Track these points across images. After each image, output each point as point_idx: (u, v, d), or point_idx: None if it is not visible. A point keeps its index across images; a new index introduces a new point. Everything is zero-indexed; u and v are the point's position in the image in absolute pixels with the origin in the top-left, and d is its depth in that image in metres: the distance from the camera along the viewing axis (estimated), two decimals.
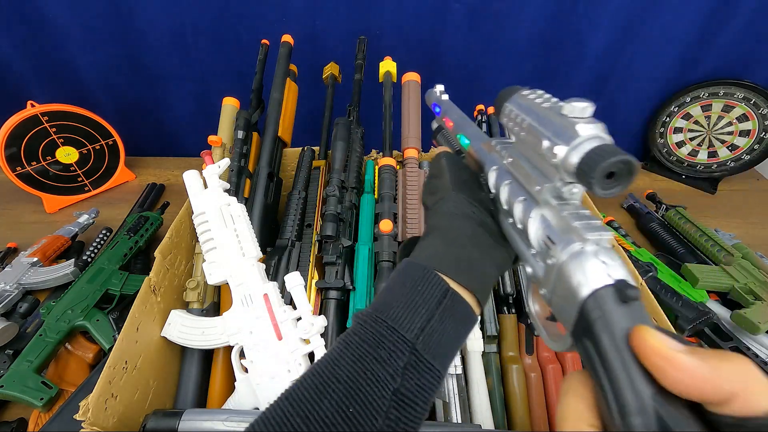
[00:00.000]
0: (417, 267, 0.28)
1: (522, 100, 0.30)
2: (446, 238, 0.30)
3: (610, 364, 0.18)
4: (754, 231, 0.94)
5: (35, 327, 0.66)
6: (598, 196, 0.22)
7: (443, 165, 0.36)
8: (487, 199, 0.33)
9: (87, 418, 0.41)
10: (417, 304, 0.26)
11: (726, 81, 0.97)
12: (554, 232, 0.24)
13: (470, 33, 0.94)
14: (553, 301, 0.23)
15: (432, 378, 0.26)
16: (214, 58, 0.97)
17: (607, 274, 0.20)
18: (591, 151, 0.22)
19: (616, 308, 0.19)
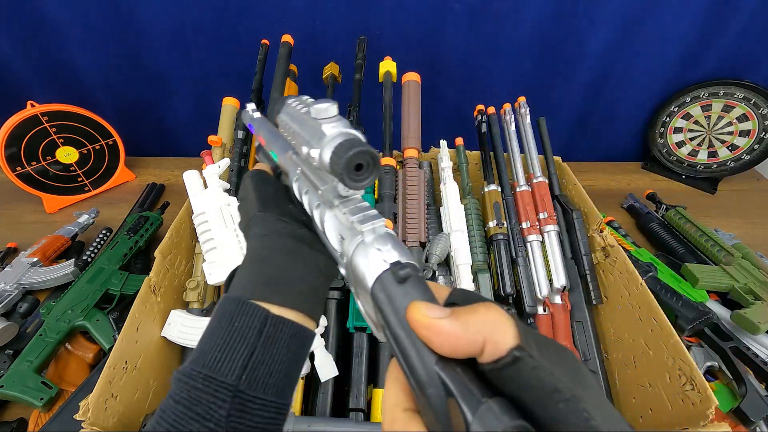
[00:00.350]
0: (231, 301, 0.27)
1: (288, 110, 0.30)
2: (258, 262, 0.29)
3: (401, 343, 0.18)
4: (754, 231, 0.94)
5: (35, 327, 0.66)
6: (351, 188, 0.24)
7: (248, 185, 0.35)
8: (297, 211, 0.32)
9: (87, 418, 0.41)
10: (235, 341, 0.25)
11: (726, 81, 0.97)
12: (345, 230, 0.25)
13: (470, 33, 0.94)
14: (359, 295, 0.23)
15: (268, 412, 0.25)
16: (214, 58, 0.97)
17: (383, 259, 0.21)
18: (336, 148, 0.23)
19: (396, 289, 0.20)
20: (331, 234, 0.26)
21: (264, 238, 0.30)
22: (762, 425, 0.56)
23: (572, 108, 1.08)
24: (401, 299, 0.19)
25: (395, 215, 0.64)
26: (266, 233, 0.30)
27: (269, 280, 0.28)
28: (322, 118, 0.25)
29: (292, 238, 0.30)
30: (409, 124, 0.72)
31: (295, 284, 0.28)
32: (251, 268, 0.29)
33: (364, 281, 0.21)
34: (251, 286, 0.28)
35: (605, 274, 0.66)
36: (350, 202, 0.26)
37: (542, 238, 0.69)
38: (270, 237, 0.30)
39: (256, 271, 0.29)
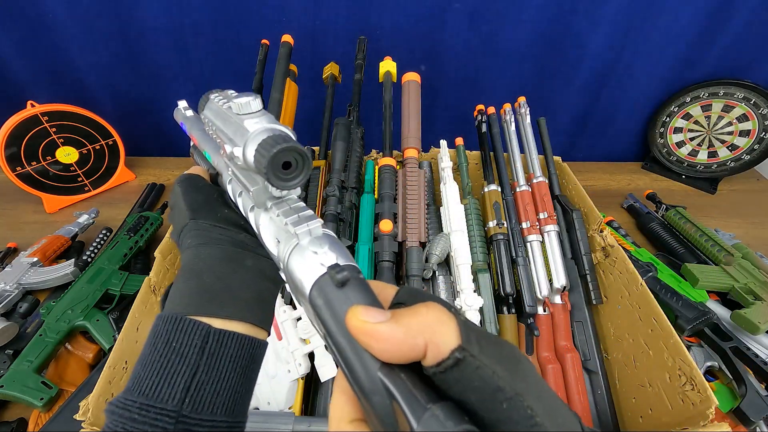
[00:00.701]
0: (166, 320, 0.25)
1: (212, 105, 0.28)
2: (195, 274, 0.27)
3: (342, 350, 0.17)
4: (754, 231, 0.94)
5: (35, 327, 0.66)
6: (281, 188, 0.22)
7: (177, 191, 0.32)
8: (234, 216, 0.30)
9: (87, 418, 0.41)
10: (174, 363, 0.23)
11: (726, 81, 0.97)
12: (281, 233, 0.23)
13: (470, 33, 0.94)
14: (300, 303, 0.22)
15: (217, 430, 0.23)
16: (214, 58, 0.97)
17: (319, 263, 0.20)
18: (260, 145, 0.21)
19: (335, 294, 0.18)
20: (267, 238, 0.24)
21: (199, 248, 0.28)
22: (762, 425, 0.56)
23: (572, 108, 1.08)
24: (341, 304, 0.18)
25: (395, 215, 0.65)
26: (201, 242, 0.28)
27: (209, 293, 0.26)
28: (245, 114, 0.23)
29: (231, 245, 0.28)
30: (409, 124, 0.72)
31: (238, 294, 0.26)
32: (187, 282, 0.27)
33: (302, 287, 0.20)
34: (188, 300, 0.26)
35: (605, 274, 0.66)
36: (284, 203, 0.24)
37: (542, 238, 0.69)
38: (206, 246, 0.28)
39: (193, 285, 0.26)
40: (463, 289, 0.58)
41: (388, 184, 0.67)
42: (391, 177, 0.68)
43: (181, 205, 0.31)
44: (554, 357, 0.62)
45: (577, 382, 0.60)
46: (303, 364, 0.52)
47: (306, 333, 0.52)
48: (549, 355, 0.62)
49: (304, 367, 0.52)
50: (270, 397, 0.51)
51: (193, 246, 0.28)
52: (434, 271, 0.61)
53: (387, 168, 0.69)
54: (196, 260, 0.27)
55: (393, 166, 0.70)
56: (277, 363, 0.52)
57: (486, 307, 0.59)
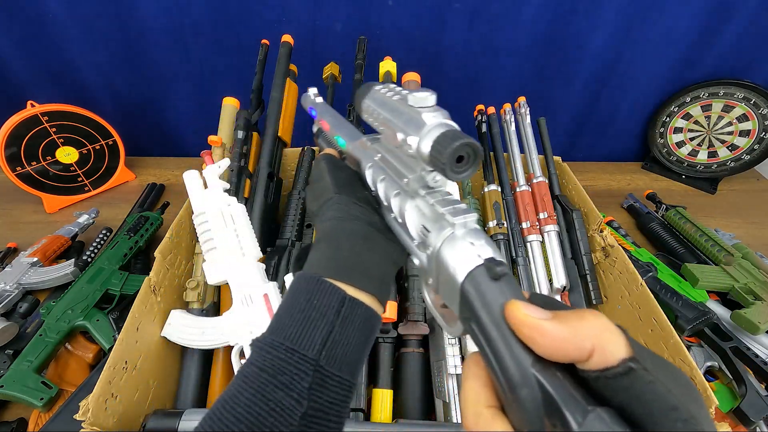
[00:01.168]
0: (309, 279, 0.27)
1: (376, 95, 0.30)
2: (334, 244, 0.29)
3: (492, 341, 0.18)
4: (754, 231, 0.94)
5: (35, 327, 0.66)
6: (451, 179, 0.23)
7: (323, 167, 0.35)
8: (371, 197, 0.33)
9: (87, 418, 0.41)
10: (314, 318, 0.25)
11: (726, 81, 0.97)
12: (428, 221, 0.24)
13: (470, 33, 0.94)
14: (439, 288, 0.23)
15: (342, 390, 0.25)
16: (214, 58, 0.97)
17: (477, 254, 0.21)
18: (438, 138, 0.23)
19: (490, 286, 0.19)
20: (411, 224, 0.26)
21: (340, 221, 0.30)
22: (762, 425, 0.56)
23: (572, 108, 1.08)
24: (496, 296, 0.19)
25: None
26: (342, 216, 0.31)
27: (346, 263, 0.28)
28: (422, 107, 0.25)
29: (368, 224, 0.30)
30: None
31: (369, 269, 0.29)
32: (327, 250, 0.29)
33: (453, 274, 0.21)
34: (328, 266, 0.28)
35: (605, 274, 0.66)
36: (437, 194, 0.26)
37: (542, 238, 0.69)
38: (347, 221, 0.30)
39: (333, 254, 0.29)
40: None
41: None
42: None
43: (327, 180, 0.34)
44: None
45: None
46: None
47: None
48: None
49: None
50: None
51: (335, 218, 0.31)
52: None
53: None
54: (336, 231, 0.30)
55: None
56: None
57: None
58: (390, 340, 0.57)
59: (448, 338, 0.56)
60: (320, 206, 0.33)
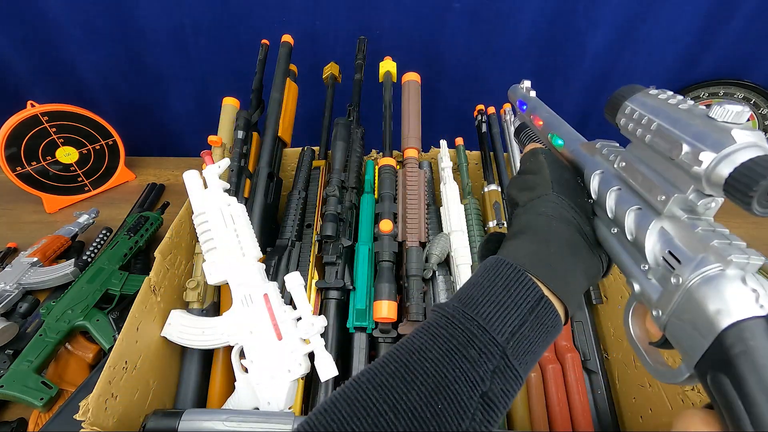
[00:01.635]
0: (509, 267, 0.26)
1: (649, 100, 0.27)
2: (541, 241, 0.28)
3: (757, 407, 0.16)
4: (754, 231, 0.94)
5: (35, 327, 0.66)
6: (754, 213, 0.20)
7: (542, 161, 0.33)
8: (587, 205, 0.31)
9: (87, 418, 0.41)
10: (509, 306, 0.25)
11: (726, 81, 0.97)
12: (679, 249, 0.21)
13: (470, 33, 0.94)
14: (671, 326, 0.21)
15: (515, 384, 0.25)
16: (214, 58, 0.97)
17: (758, 304, 0.18)
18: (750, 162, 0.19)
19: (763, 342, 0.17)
20: (651, 246, 0.23)
21: (552, 220, 0.29)
22: None
23: (572, 108, 1.08)
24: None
25: (395, 215, 0.65)
26: (556, 216, 0.29)
27: (548, 263, 0.27)
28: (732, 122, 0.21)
29: (578, 232, 0.29)
30: (409, 124, 0.72)
31: (568, 277, 0.28)
32: (532, 245, 0.28)
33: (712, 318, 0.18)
34: (531, 262, 0.27)
35: None
36: (703, 222, 0.22)
37: None
38: (559, 222, 0.29)
39: (537, 248, 0.28)
40: None
41: (388, 184, 0.67)
42: (391, 177, 0.68)
43: (545, 175, 0.32)
44: (554, 357, 0.62)
45: (577, 382, 0.59)
46: (303, 364, 0.52)
47: (306, 333, 0.52)
48: (549, 355, 0.62)
49: (304, 367, 0.52)
50: (270, 397, 0.51)
51: (546, 215, 0.29)
52: (434, 271, 0.61)
53: (387, 168, 0.69)
54: (545, 229, 0.29)
55: (393, 166, 0.70)
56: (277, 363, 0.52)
57: None
58: (390, 340, 0.57)
59: None
60: (531, 199, 0.31)
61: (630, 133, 0.27)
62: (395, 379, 0.23)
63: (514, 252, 0.28)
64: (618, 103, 0.29)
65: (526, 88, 0.43)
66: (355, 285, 0.59)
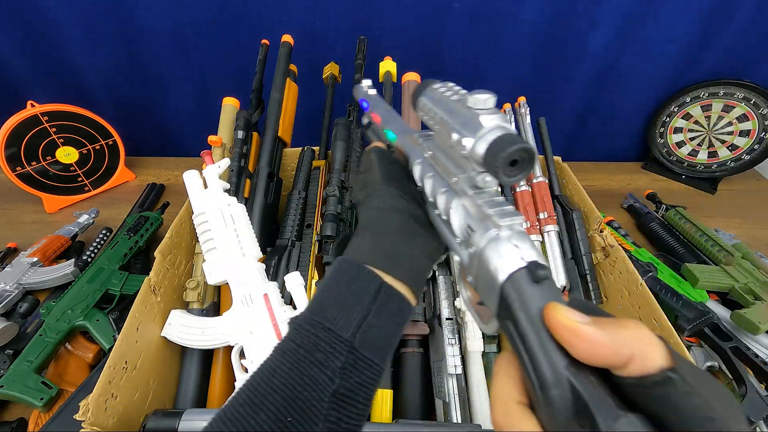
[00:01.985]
0: (349, 264, 0.29)
1: (434, 94, 0.30)
2: (377, 233, 0.30)
3: (528, 341, 0.19)
4: (754, 231, 0.94)
5: (35, 327, 0.66)
6: (503, 183, 0.24)
7: (372, 159, 0.36)
8: (416, 192, 0.33)
9: (87, 418, 0.41)
10: (352, 302, 0.27)
11: (726, 81, 0.97)
12: (474, 221, 0.25)
13: (470, 33, 0.94)
14: (478, 286, 0.24)
15: (372, 373, 0.26)
16: (214, 58, 0.97)
17: (520, 257, 0.21)
18: (494, 141, 0.23)
19: (530, 289, 0.20)
20: (456, 221, 0.26)
21: (384, 212, 0.31)
22: (762, 425, 0.56)
23: (572, 108, 1.08)
24: (535, 299, 0.19)
25: None
26: (387, 207, 0.31)
27: (386, 253, 0.29)
28: (480, 109, 0.25)
29: (410, 218, 0.31)
30: (409, 124, 0.72)
31: (407, 261, 0.30)
32: (369, 237, 0.30)
33: (494, 275, 0.21)
34: (369, 254, 0.29)
35: (605, 274, 0.66)
36: (485, 194, 0.26)
37: (542, 238, 0.69)
38: (391, 212, 0.31)
39: (374, 242, 0.30)
40: None
41: None
42: None
43: (375, 171, 0.34)
44: None
45: None
46: None
47: None
48: None
49: None
50: None
51: (379, 208, 0.32)
52: (434, 271, 0.61)
53: None
54: (379, 221, 0.31)
55: None
56: None
57: None
58: None
59: (448, 338, 0.56)
60: (366, 195, 0.34)
61: (428, 125, 0.31)
62: (245, 407, 0.24)
63: (354, 249, 0.30)
64: (415, 100, 0.32)
65: (367, 86, 0.44)
66: None
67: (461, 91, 0.28)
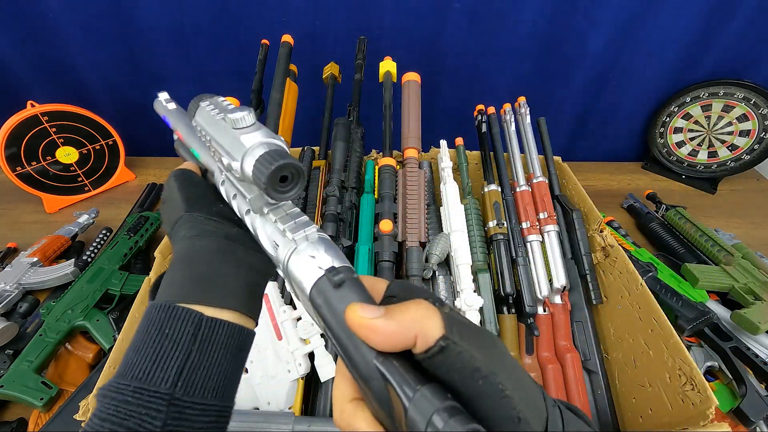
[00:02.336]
0: (159, 308, 0.25)
1: (203, 114, 0.29)
2: (188, 263, 0.27)
3: (341, 343, 0.20)
4: (754, 231, 0.94)
5: (35, 327, 0.66)
6: (277, 200, 0.23)
7: (173, 185, 0.33)
8: (227, 210, 0.31)
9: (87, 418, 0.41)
10: (167, 348, 0.24)
11: (726, 81, 0.97)
12: (278, 237, 0.25)
13: (470, 33, 0.94)
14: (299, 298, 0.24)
15: (208, 416, 0.24)
16: (214, 58, 0.97)
17: (317, 266, 0.22)
18: (258, 161, 0.23)
19: (333, 294, 0.21)
20: (264, 241, 0.26)
21: (193, 239, 0.28)
22: (762, 425, 0.56)
23: (572, 108, 1.08)
24: (338, 303, 0.20)
25: (395, 215, 0.65)
26: (196, 234, 0.29)
27: (201, 281, 0.27)
28: (240, 128, 0.24)
29: (224, 238, 0.29)
30: (409, 124, 0.72)
31: (229, 284, 0.27)
32: (180, 271, 0.27)
33: (302, 287, 0.22)
34: (181, 289, 0.26)
35: (605, 274, 0.66)
36: (280, 209, 0.26)
37: (542, 238, 0.69)
38: (200, 238, 0.28)
39: (186, 274, 0.27)
40: (463, 289, 0.58)
41: (388, 184, 0.67)
42: (391, 177, 0.68)
43: (176, 198, 0.32)
44: (554, 357, 0.62)
45: (577, 382, 0.60)
46: (303, 364, 0.52)
47: (306, 333, 0.52)
48: (549, 355, 0.62)
49: (304, 367, 0.52)
50: (270, 397, 0.51)
51: (187, 237, 0.29)
52: (434, 271, 0.61)
53: (387, 168, 0.69)
54: (189, 251, 0.28)
55: (393, 166, 0.70)
56: (277, 363, 0.52)
57: (486, 307, 0.59)
58: None
59: None
60: (172, 226, 0.31)
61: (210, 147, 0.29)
62: None
63: (165, 288, 0.27)
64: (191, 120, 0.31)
65: (165, 100, 0.40)
66: None
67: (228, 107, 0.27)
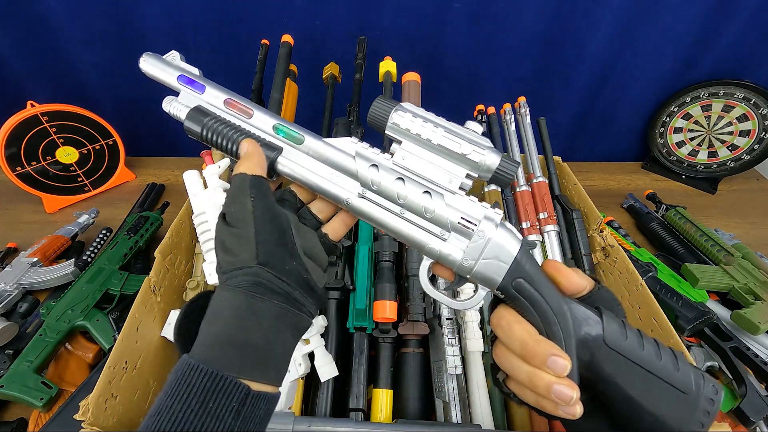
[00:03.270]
0: (204, 375, 0.23)
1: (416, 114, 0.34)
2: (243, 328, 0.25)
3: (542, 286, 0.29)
4: (754, 231, 0.94)
5: (35, 327, 0.66)
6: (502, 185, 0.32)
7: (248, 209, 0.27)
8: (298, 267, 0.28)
9: (87, 418, 0.41)
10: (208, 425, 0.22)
11: (726, 81, 0.97)
12: (468, 216, 0.30)
13: (470, 33, 0.94)
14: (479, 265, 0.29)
15: None
16: (214, 58, 0.97)
17: (517, 236, 0.30)
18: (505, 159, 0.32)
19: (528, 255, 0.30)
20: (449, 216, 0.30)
21: (256, 300, 0.25)
22: (762, 425, 0.56)
23: (572, 108, 1.08)
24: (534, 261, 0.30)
25: None
26: (259, 294, 0.25)
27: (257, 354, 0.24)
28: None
29: (286, 302, 0.27)
30: None
31: (280, 357, 0.26)
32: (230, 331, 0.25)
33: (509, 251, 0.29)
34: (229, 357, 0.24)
35: (605, 274, 0.66)
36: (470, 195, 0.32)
37: (542, 238, 0.69)
38: (263, 300, 0.26)
39: (238, 339, 0.24)
40: (463, 289, 0.58)
41: None
42: None
43: (250, 235, 0.26)
44: None
45: None
46: (303, 364, 0.52)
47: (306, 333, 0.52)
48: None
49: (304, 367, 0.52)
50: None
51: (249, 294, 0.25)
52: None
53: None
54: (246, 312, 0.25)
55: None
56: None
57: (487, 308, 0.59)
58: (390, 340, 0.57)
59: (448, 338, 0.56)
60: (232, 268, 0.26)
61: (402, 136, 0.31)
62: None
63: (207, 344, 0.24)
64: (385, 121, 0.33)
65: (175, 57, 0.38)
66: (355, 285, 0.59)
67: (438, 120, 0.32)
